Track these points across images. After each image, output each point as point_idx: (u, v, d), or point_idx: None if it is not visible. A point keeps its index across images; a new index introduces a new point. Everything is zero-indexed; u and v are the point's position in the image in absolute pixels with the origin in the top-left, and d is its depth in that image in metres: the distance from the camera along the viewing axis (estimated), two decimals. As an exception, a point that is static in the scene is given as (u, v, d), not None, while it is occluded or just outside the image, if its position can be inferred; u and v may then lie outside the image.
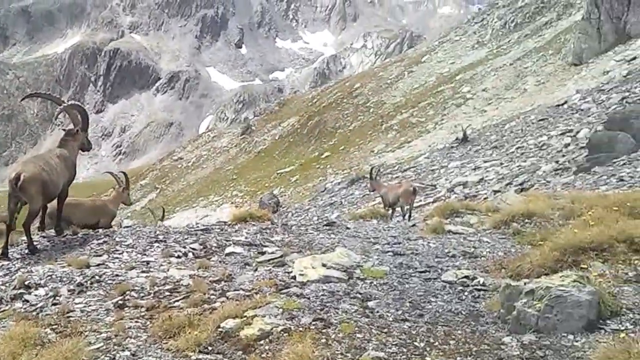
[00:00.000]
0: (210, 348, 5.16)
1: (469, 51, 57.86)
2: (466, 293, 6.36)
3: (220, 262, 8.27)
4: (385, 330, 5.25)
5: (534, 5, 57.92)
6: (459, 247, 8.50)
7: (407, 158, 33.43)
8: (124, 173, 14.17)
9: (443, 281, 6.78)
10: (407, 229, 10.65)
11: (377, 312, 5.73)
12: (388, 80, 57.93)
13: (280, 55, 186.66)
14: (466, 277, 6.77)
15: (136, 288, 7.08)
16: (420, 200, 20.33)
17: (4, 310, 6.96)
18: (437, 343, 5.00)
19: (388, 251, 8.38)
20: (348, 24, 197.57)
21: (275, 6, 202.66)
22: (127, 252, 9.02)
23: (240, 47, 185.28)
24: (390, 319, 5.55)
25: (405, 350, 4.85)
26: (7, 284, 7.89)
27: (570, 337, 4.93)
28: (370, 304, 5.95)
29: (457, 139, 31.73)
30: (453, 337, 5.12)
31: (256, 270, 7.66)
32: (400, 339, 5.07)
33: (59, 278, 7.80)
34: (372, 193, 20.45)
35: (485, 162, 24.40)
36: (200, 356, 5.05)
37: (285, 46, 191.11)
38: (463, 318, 5.64)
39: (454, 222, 10.69)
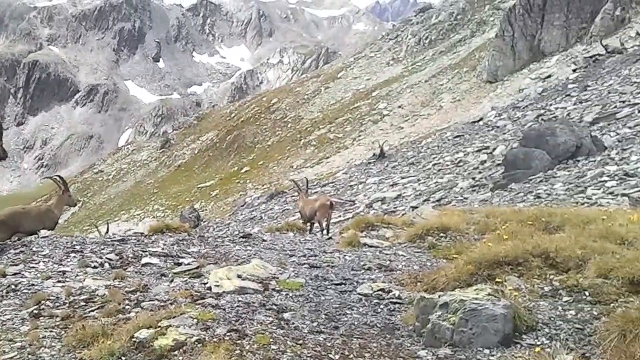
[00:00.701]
0: (124, 358, 5.07)
1: (384, 68, 58.79)
2: (382, 306, 6.38)
3: (136, 272, 8.18)
4: (301, 342, 5.23)
5: (448, 22, 59.33)
6: (374, 261, 8.54)
7: (326, 174, 33.68)
8: (60, 176, 13.94)
9: (359, 294, 6.79)
10: (323, 242, 10.72)
11: (293, 324, 5.70)
12: (305, 96, 58.34)
13: (198, 70, 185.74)
14: (382, 290, 6.80)
15: (52, 298, 6.96)
16: (340, 216, 20.45)
17: None
18: (352, 356, 4.98)
19: (304, 264, 8.40)
20: (264, 40, 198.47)
21: (192, 20, 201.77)
22: (43, 262, 8.87)
23: (158, 61, 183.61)
24: (306, 331, 5.53)
25: (319, 361, 4.86)
26: None
27: (487, 351, 4.93)
28: (286, 315, 5.93)
29: (374, 155, 32.14)
30: (369, 350, 5.12)
31: (172, 281, 7.59)
32: (315, 351, 5.05)
33: (-25, 287, 7.60)
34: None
35: (403, 178, 24.67)
36: (113, 366, 4.97)
37: (203, 60, 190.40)
38: (379, 331, 5.64)
39: (370, 236, 10.78)
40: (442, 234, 9.78)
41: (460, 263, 6.73)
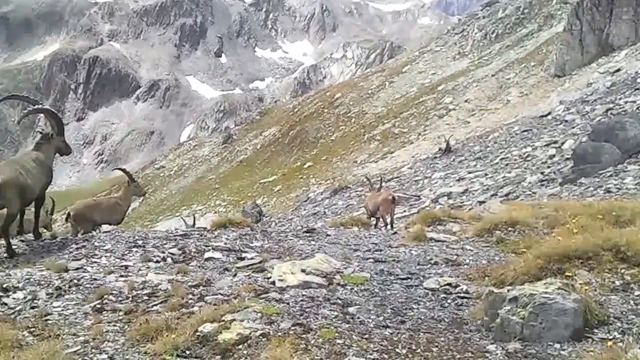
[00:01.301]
0: (188, 352, 5.08)
1: (450, 62, 58.07)
2: (449, 300, 6.26)
3: (199, 267, 8.21)
4: (367, 336, 5.15)
5: (515, 16, 58.26)
6: (441, 255, 8.40)
7: (391, 168, 33.42)
8: (122, 168, 14.39)
9: (425, 288, 6.68)
10: (388, 236, 10.57)
11: (358, 318, 5.63)
12: (369, 91, 58.00)
13: (260, 65, 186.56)
14: (449, 284, 6.68)
15: (114, 292, 7.00)
16: (405, 211, 20.27)
17: (-18, 313, 6.86)
18: (419, 350, 4.90)
19: (369, 258, 8.30)
20: (327, 34, 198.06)
21: (254, 15, 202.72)
22: (105, 256, 8.95)
23: (220, 56, 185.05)
24: (372, 325, 5.45)
25: (386, 356, 4.76)
26: (-15, 288, 7.79)
27: (557, 345, 4.83)
28: (351, 309, 5.85)
29: (440, 149, 31.72)
30: (436, 344, 5.03)
31: (235, 275, 7.58)
32: (381, 345, 4.97)
33: (37, 282, 7.72)
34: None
35: (469, 173, 24.32)
36: None
37: (265, 55, 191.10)
38: (446, 325, 5.54)
39: (437, 230, 10.61)
40: (510, 228, 9.56)
41: (529, 257, 6.56)
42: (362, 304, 6.04)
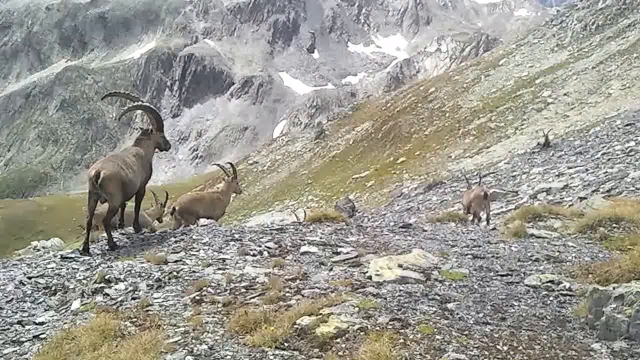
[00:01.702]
0: (286, 344, 5.12)
1: (548, 54, 56.44)
2: (551, 298, 6.10)
3: (295, 261, 8.28)
4: (466, 332, 5.09)
5: (615, 6, 56.14)
6: (542, 251, 8.18)
7: (487, 164, 32.81)
8: (231, 164, 14.77)
9: (526, 285, 6.53)
10: (487, 232, 10.40)
11: (457, 314, 5.56)
12: (464, 84, 57.06)
13: (352, 60, 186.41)
14: (551, 281, 6.51)
15: (213, 284, 7.16)
16: (502, 207, 19.87)
17: (86, 303, 7.17)
18: (520, 347, 4.80)
19: (467, 254, 8.17)
20: (421, 28, 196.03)
21: (346, 10, 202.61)
22: (203, 249, 9.16)
23: (313, 52, 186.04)
24: (471, 322, 5.37)
25: (487, 353, 4.68)
26: (89, 278, 8.14)
27: None
28: (450, 305, 5.79)
29: (538, 144, 30.88)
30: (538, 342, 4.92)
31: (331, 269, 7.61)
32: (481, 342, 4.90)
33: (138, 273, 7.98)
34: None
35: (569, 168, 23.54)
36: (277, 352, 5.01)
37: (358, 50, 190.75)
38: (548, 323, 5.41)
39: (537, 226, 10.34)
40: (614, 225, 9.24)
41: (635, 254, 6.36)
42: (461, 300, 5.96)
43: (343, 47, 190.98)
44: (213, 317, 6.04)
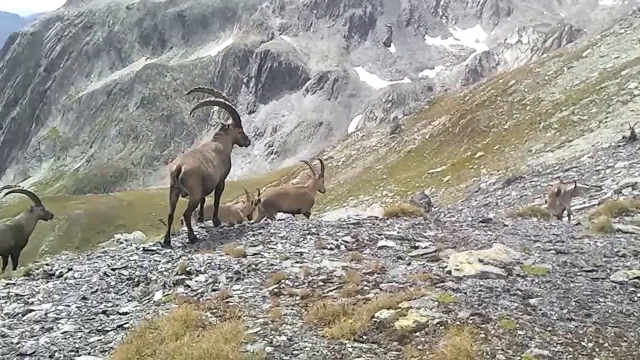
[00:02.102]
0: (365, 337, 5.14)
1: (635, 45, 54.37)
2: (639, 294, 5.90)
3: (372, 255, 8.28)
4: (549, 328, 4.99)
5: None
6: (629, 247, 7.91)
7: (569, 158, 31.91)
8: (321, 160, 15.04)
9: (612, 281, 6.34)
10: (570, 227, 10.13)
11: (540, 310, 5.45)
12: (546, 77, 55.59)
13: (429, 53, 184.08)
14: (638, 277, 6.29)
15: (291, 277, 7.24)
16: (584, 202, 19.39)
17: (168, 294, 7.34)
18: (606, 344, 4.69)
19: (550, 249, 7.98)
20: (501, 19, 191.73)
21: (424, 3, 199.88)
22: (281, 243, 9.27)
23: (389, 46, 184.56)
24: (554, 318, 5.26)
25: (571, 349, 4.59)
26: (170, 270, 8.34)
27: None
28: (532, 301, 5.68)
29: (623, 137, 29.84)
30: (625, 339, 4.78)
31: (409, 264, 7.58)
32: (565, 338, 4.81)
33: (217, 266, 8.13)
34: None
35: (657, 162, 22.73)
36: (355, 344, 5.03)
37: (435, 43, 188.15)
38: (636, 320, 5.24)
39: (624, 221, 10.03)
40: None
41: None
42: (544, 296, 5.84)
43: (420, 40, 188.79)
44: (291, 309, 6.13)
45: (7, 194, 15.77)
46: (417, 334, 5.03)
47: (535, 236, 9.10)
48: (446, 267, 7.04)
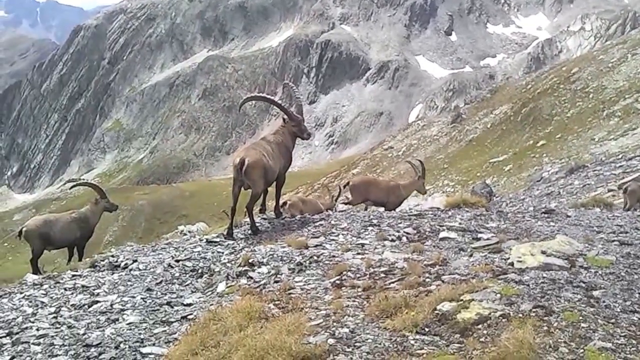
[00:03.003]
0: (427, 329, 5.16)
1: (701, 29, 52.74)
2: None
3: (434, 246, 8.27)
4: (613, 321, 4.95)
5: None
6: (697, 238, 7.77)
7: (632, 146, 31.18)
8: (421, 162, 15.23)
9: (678, 273, 6.22)
10: (634, 218, 9.95)
11: (603, 302, 5.40)
12: (609, 64, 54.23)
13: (491, 41, 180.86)
14: None
15: (352, 269, 7.28)
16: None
17: (231, 286, 7.48)
18: (670, 337, 4.62)
19: (614, 240, 7.86)
20: (564, 6, 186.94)
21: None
22: (342, 234, 9.31)
23: (450, 34, 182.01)
24: (618, 310, 5.21)
25: (635, 342, 4.55)
26: (233, 262, 8.48)
27: None
28: (596, 293, 5.62)
29: (689, 125, 29.10)
30: (692, 331, 4.70)
31: (471, 255, 7.55)
32: (629, 330, 4.77)
33: (279, 257, 8.23)
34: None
35: None
36: (417, 336, 5.06)
37: (497, 31, 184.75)
38: (701, 312, 5.14)
39: (693, 212, 9.83)
40: None
41: None
42: (608, 288, 5.77)
43: (482, 28, 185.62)
44: (353, 301, 6.17)
45: (72, 187, 16.13)
46: (480, 326, 5.04)
47: (599, 227, 8.97)
48: (508, 258, 6.99)
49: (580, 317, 4.98)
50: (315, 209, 14.58)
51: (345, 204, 13.60)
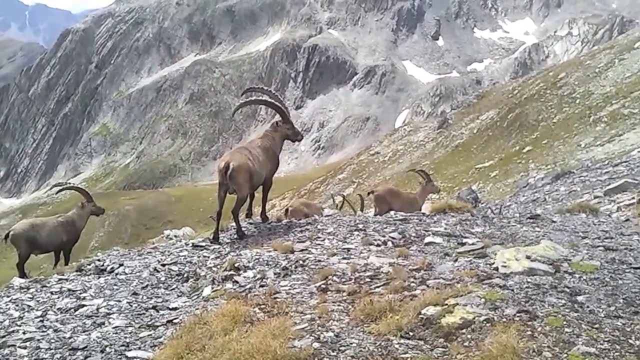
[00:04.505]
0: (411, 333, 5.18)
1: (688, 36, 53.14)
2: (689, 292, 5.82)
3: (419, 251, 8.30)
4: (597, 325, 4.97)
5: None
6: (683, 244, 7.82)
7: (619, 152, 31.35)
8: (424, 172, 15.77)
9: (661, 279, 6.26)
10: (619, 223, 10.01)
11: (587, 307, 5.43)
12: (596, 69, 54.47)
13: (478, 46, 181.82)
14: (689, 275, 6.22)
15: (338, 273, 7.32)
16: (633, 198, 19.06)
17: (217, 290, 7.49)
18: (654, 342, 4.64)
19: (599, 246, 7.90)
20: (551, 11, 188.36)
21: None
22: (328, 239, 9.34)
23: (437, 39, 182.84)
24: (602, 315, 5.24)
25: (618, 347, 4.57)
26: (219, 266, 8.50)
27: None
28: (580, 298, 5.65)
29: (676, 131, 29.30)
30: (675, 337, 4.73)
31: (456, 260, 7.59)
32: (613, 335, 4.78)
33: (265, 262, 8.25)
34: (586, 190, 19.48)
35: None
36: (402, 340, 5.08)
37: (484, 36, 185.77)
38: (685, 318, 5.17)
39: (675, 218, 9.90)
40: None
41: None
42: (592, 293, 5.80)
43: (469, 33, 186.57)
44: (338, 305, 6.20)
45: (59, 191, 16.17)
46: (464, 330, 5.06)
47: (584, 232, 9.01)
48: (493, 263, 7.03)
49: (564, 322, 5.00)
50: (320, 212, 14.74)
51: (375, 214, 13.83)
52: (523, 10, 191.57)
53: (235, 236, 10.39)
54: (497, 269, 6.78)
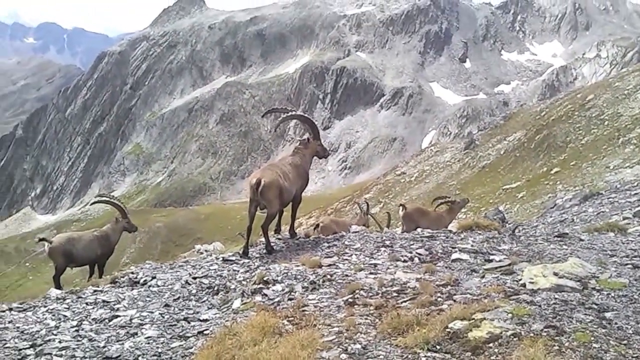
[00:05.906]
0: (438, 347, 5.20)
1: None
2: None
3: (446, 267, 8.33)
4: (625, 342, 4.97)
5: None
6: None
7: (647, 174, 31.07)
8: (444, 197, 16.56)
9: (690, 296, 6.22)
10: (648, 242, 9.94)
11: (616, 323, 5.42)
12: (625, 91, 53.99)
13: (505, 68, 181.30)
14: None
15: (365, 288, 7.36)
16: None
17: (246, 302, 7.57)
18: (682, 359, 4.63)
19: (627, 264, 7.86)
20: (580, 33, 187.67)
21: (500, 18, 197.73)
22: (355, 254, 9.40)
23: (464, 61, 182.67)
24: (630, 332, 5.23)
25: (647, 363, 4.56)
26: (248, 280, 8.59)
27: None
28: (608, 315, 5.64)
29: None
30: None
31: (483, 276, 7.60)
32: (641, 352, 4.77)
33: (294, 276, 8.33)
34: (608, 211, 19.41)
35: None
36: (429, 354, 5.10)
37: (512, 58, 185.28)
38: None
39: None
40: None
41: None
42: (620, 310, 5.79)
43: (496, 55, 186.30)
44: (366, 318, 6.24)
45: (99, 202, 16.50)
46: (491, 345, 5.06)
47: (612, 250, 8.97)
48: (520, 280, 7.02)
49: (592, 338, 4.99)
50: (348, 229, 14.82)
51: (402, 232, 13.97)
52: (551, 33, 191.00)
53: (265, 251, 10.50)
54: (524, 285, 6.78)
